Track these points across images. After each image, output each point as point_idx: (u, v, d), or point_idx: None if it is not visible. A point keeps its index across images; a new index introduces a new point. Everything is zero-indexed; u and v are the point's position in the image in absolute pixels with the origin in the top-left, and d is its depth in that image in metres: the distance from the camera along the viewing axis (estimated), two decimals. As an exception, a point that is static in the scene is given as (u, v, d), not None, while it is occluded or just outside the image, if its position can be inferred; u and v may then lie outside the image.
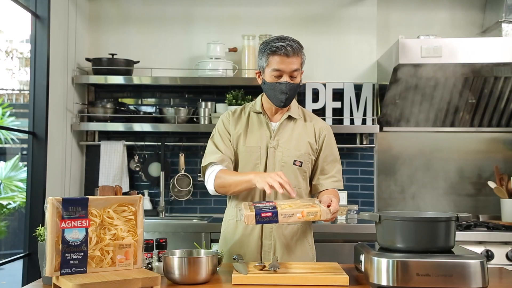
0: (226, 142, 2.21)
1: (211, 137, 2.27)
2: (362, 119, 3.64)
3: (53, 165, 3.32)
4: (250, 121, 2.24)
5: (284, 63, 2.08)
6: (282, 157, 2.16)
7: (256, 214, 1.80)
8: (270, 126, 2.21)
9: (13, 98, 7.48)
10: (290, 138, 2.20)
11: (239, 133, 2.21)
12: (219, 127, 2.26)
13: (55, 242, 1.58)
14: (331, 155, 2.25)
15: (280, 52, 2.06)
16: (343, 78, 3.79)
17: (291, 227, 2.18)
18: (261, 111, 2.23)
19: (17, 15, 6.28)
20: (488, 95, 3.57)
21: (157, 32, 3.88)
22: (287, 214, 1.82)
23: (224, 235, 2.24)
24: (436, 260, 1.61)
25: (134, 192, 1.82)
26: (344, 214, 3.51)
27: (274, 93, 2.13)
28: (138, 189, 3.78)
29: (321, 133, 2.25)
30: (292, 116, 2.23)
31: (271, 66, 2.09)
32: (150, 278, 1.60)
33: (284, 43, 2.07)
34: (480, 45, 3.23)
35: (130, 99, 3.91)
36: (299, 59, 2.11)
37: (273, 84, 2.12)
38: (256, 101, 2.29)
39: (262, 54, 2.13)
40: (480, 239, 3.09)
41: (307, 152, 2.20)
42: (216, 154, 2.17)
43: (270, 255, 2.14)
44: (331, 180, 2.23)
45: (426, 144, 3.82)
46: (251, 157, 2.18)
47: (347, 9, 3.84)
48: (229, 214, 2.25)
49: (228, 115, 2.27)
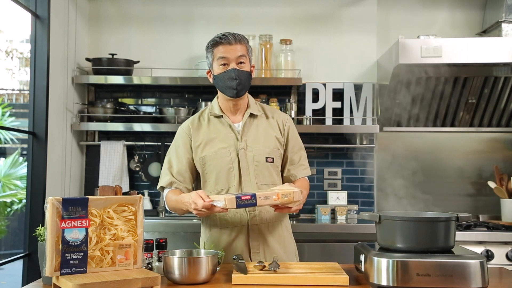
0: (180, 158, 2.19)
1: (167, 152, 2.25)
2: (362, 119, 3.64)
3: (53, 165, 3.32)
4: (212, 127, 2.21)
5: (228, 52, 2.09)
6: (253, 157, 2.16)
7: (236, 197, 1.82)
8: (233, 127, 2.19)
9: (13, 98, 7.48)
10: (257, 136, 2.19)
11: (204, 142, 2.18)
12: (177, 141, 2.24)
13: (55, 242, 1.58)
14: (296, 145, 2.28)
15: (223, 41, 2.09)
16: (343, 78, 3.79)
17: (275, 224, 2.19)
18: (221, 114, 2.21)
19: (17, 15, 6.29)
20: (488, 95, 3.57)
21: (157, 32, 3.88)
22: (264, 196, 1.86)
23: (208, 244, 2.16)
24: (436, 260, 1.61)
25: (134, 192, 1.82)
26: (344, 214, 3.51)
27: (224, 82, 2.11)
28: (138, 189, 3.78)
29: (285, 125, 2.26)
30: (253, 114, 2.22)
31: (216, 56, 2.11)
32: (150, 278, 1.60)
33: (226, 34, 2.11)
34: (480, 45, 3.23)
35: (130, 99, 3.91)
36: (243, 47, 2.12)
37: (222, 74, 2.11)
38: (213, 104, 2.25)
39: (208, 51, 2.16)
40: (480, 239, 3.09)
41: (276, 147, 2.21)
42: (166, 177, 2.19)
43: (259, 255, 2.14)
44: (301, 169, 2.26)
45: (426, 144, 3.82)
46: (223, 162, 2.15)
47: (347, 9, 3.84)
48: (209, 224, 2.21)
49: (188, 128, 2.22)
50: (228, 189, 2.14)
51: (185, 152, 2.20)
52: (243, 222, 2.14)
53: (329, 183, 3.77)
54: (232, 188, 2.14)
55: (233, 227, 2.15)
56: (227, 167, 2.15)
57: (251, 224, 2.14)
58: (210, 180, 2.17)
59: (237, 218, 2.14)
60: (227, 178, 2.14)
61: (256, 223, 2.14)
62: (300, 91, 3.76)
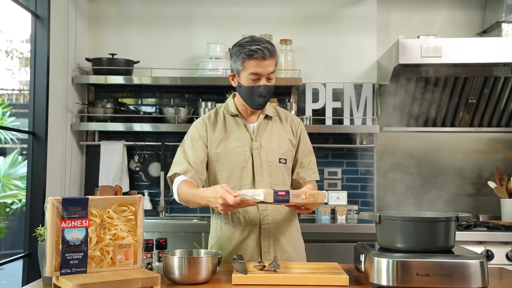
0: (197, 149, 2.15)
1: (181, 145, 2.22)
2: (362, 119, 3.65)
3: (53, 165, 3.32)
4: (227, 125, 2.21)
5: (261, 67, 2.05)
6: (267, 157, 2.16)
7: (274, 191, 1.79)
8: (248, 128, 2.20)
9: (13, 98, 7.48)
10: (271, 137, 2.20)
11: (219, 138, 2.17)
12: (192, 134, 2.20)
13: (55, 242, 1.58)
14: (306, 148, 2.29)
15: (257, 56, 2.03)
16: (343, 78, 3.79)
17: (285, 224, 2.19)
18: (238, 114, 2.20)
19: (17, 15, 6.29)
20: (488, 95, 3.57)
21: (157, 32, 3.88)
22: (295, 194, 1.84)
23: (219, 243, 2.18)
24: (436, 260, 1.61)
25: (134, 192, 1.82)
26: (344, 214, 3.51)
27: (252, 96, 2.10)
28: (138, 189, 3.78)
29: (298, 128, 2.27)
30: (268, 115, 2.23)
31: (248, 70, 2.06)
32: (150, 278, 1.60)
33: (260, 46, 2.04)
34: (480, 45, 3.23)
35: (130, 99, 3.91)
36: (274, 61, 2.09)
37: (250, 87, 2.09)
38: (228, 103, 2.24)
39: (237, 57, 2.09)
40: (480, 239, 3.09)
41: (289, 149, 2.22)
42: (181, 165, 2.11)
43: (270, 255, 2.14)
44: (310, 172, 2.26)
45: (426, 144, 3.82)
46: (237, 161, 2.15)
47: (347, 9, 3.84)
48: (220, 222, 2.20)
49: (204, 121, 2.21)
50: (240, 188, 2.12)
51: (202, 144, 2.17)
52: (255, 221, 2.14)
53: (329, 183, 3.77)
54: (244, 187, 2.13)
55: (246, 226, 2.15)
56: (241, 166, 2.15)
57: (263, 224, 2.14)
58: (222, 177, 2.16)
59: (250, 216, 2.14)
60: (240, 177, 2.14)
61: (268, 223, 2.15)
62: (300, 91, 3.76)
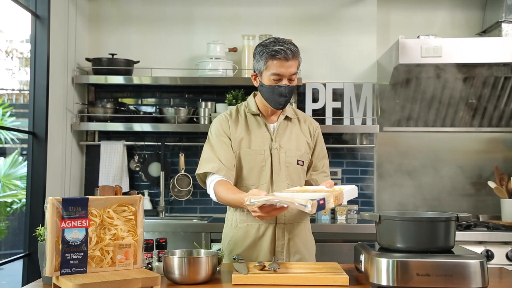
0: (224, 147, 2.15)
1: (207, 142, 2.21)
2: (362, 119, 3.64)
3: (53, 165, 3.32)
4: (248, 123, 2.22)
5: (283, 67, 2.06)
6: (286, 158, 2.18)
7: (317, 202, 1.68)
8: (269, 127, 2.21)
9: (13, 98, 7.48)
10: (290, 138, 2.22)
11: (241, 137, 2.18)
12: (217, 131, 2.20)
13: (55, 242, 1.58)
14: (322, 152, 2.32)
15: (280, 56, 2.05)
16: (343, 78, 3.79)
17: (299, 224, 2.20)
18: (259, 113, 2.22)
19: (17, 15, 6.29)
20: (488, 95, 3.57)
21: (157, 32, 3.88)
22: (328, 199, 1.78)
23: (234, 240, 2.19)
24: (436, 260, 1.61)
25: (134, 192, 1.82)
26: (344, 214, 3.51)
27: (273, 96, 2.11)
28: (138, 189, 3.78)
29: (315, 131, 2.30)
30: (288, 116, 2.25)
31: (270, 70, 2.08)
32: (150, 278, 1.60)
33: (283, 47, 2.05)
34: (480, 45, 3.23)
35: (130, 99, 3.91)
36: (296, 62, 2.10)
37: (271, 87, 2.10)
38: (249, 102, 2.25)
39: (260, 57, 2.10)
40: (480, 239, 3.09)
41: (306, 151, 2.24)
42: (213, 163, 2.10)
43: (283, 255, 2.15)
44: (323, 176, 2.28)
45: (426, 144, 3.82)
46: (257, 160, 2.16)
47: (347, 9, 3.84)
48: (236, 219, 2.21)
49: (226, 118, 2.22)
50: (258, 186, 2.14)
51: (228, 140, 2.18)
52: (270, 220, 2.15)
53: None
54: (262, 186, 2.14)
55: (261, 224, 2.15)
56: (260, 164, 2.16)
57: (278, 223, 2.16)
58: (240, 175, 2.17)
59: None
60: (258, 175, 2.15)
61: (282, 222, 2.16)
62: (300, 91, 3.76)
